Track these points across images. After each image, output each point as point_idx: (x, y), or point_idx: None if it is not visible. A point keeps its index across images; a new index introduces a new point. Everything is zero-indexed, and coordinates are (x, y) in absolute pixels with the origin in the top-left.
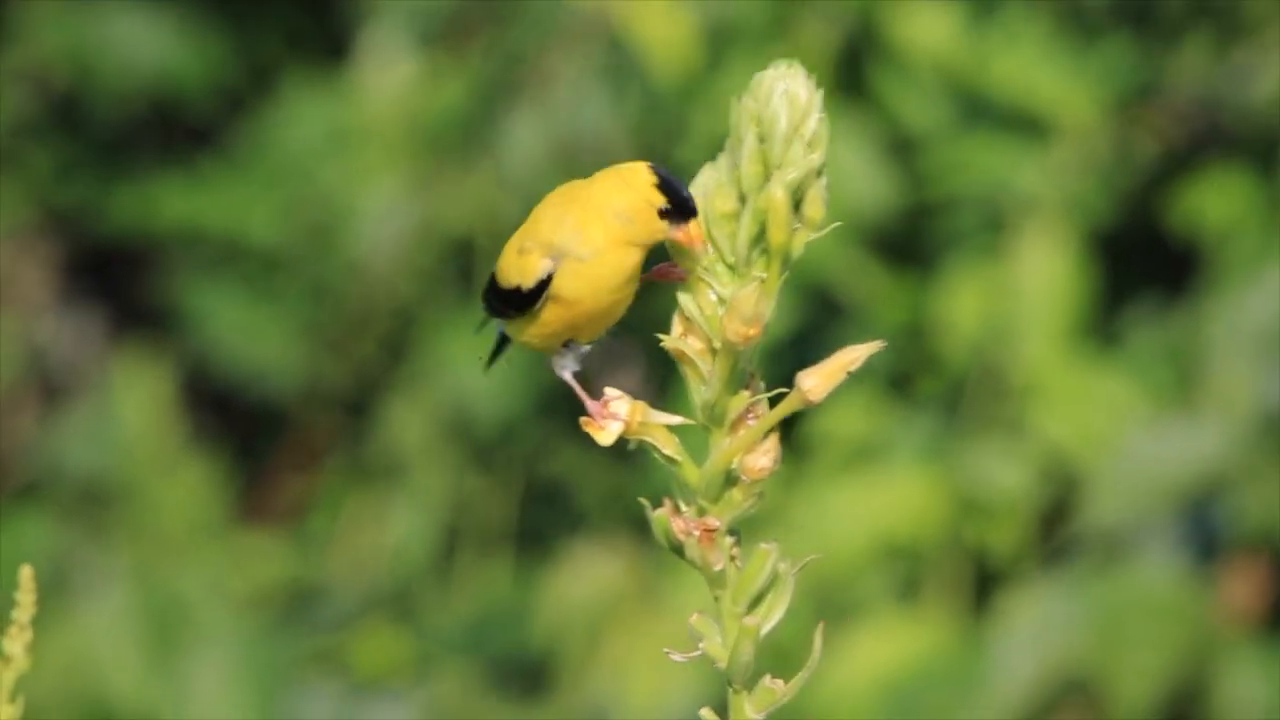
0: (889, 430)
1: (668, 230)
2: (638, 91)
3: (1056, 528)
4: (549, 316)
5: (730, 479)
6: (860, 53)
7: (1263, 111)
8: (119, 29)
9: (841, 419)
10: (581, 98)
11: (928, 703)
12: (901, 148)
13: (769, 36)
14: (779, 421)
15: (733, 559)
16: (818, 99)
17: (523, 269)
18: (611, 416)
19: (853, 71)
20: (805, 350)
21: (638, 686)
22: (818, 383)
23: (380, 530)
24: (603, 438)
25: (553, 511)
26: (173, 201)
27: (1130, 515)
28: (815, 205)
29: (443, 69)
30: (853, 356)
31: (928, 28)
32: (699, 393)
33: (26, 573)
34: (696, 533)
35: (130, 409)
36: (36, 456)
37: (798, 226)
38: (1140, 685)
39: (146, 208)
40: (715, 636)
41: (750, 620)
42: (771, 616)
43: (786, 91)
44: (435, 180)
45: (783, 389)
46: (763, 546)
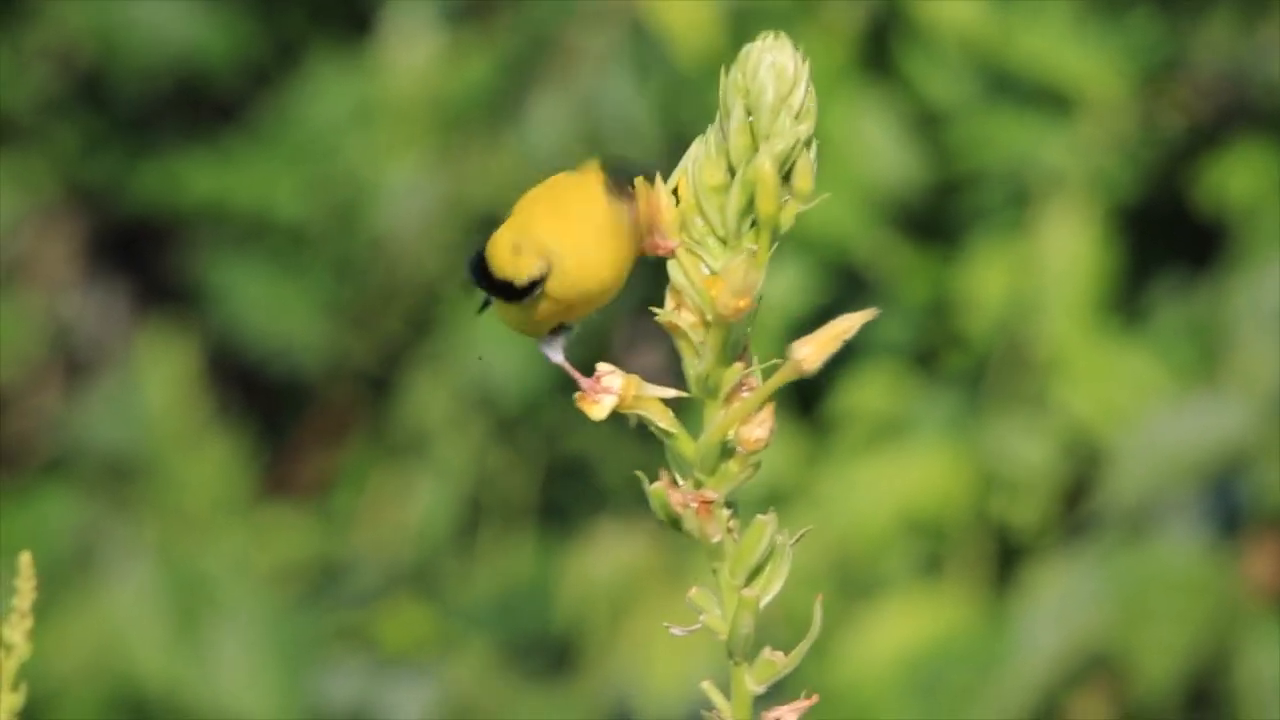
0: (913, 406)
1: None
2: (661, 71)
3: (1080, 503)
4: (539, 310)
5: (726, 451)
6: (885, 30)
7: None
8: (144, 6)
9: (865, 395)
10: (606, 77)
11: (950, 678)
12: (927, 124)
13: (794, 15)
14: (774, 392)
15: (730, 531)
16: (805, 70)
17: (516, 267)
18: (605, 391)
19: (878, 49)
20: None
21: (660, 665)
22: (811, 351)
23: (404, 506)
24: (596, 412)
25: (576, 488)
26: (198, 178)
27: (1153, 491)
28: (804, 176)
29: (467, 45)
30: (847, 325)
31: (953, 4)
32: (693, 366)
33: (26, 559)
34: (694, 505)
35: (155, 385)
36: (62, 433)
37: (787, 198)
38: (1163, 660)
39: (171, 184)
40: (715, 609)
41: (749, 592)
42: (770, 588)
43: (773, 64)
44: (460, 156)
45: (779, 360)
46: (760, 518)
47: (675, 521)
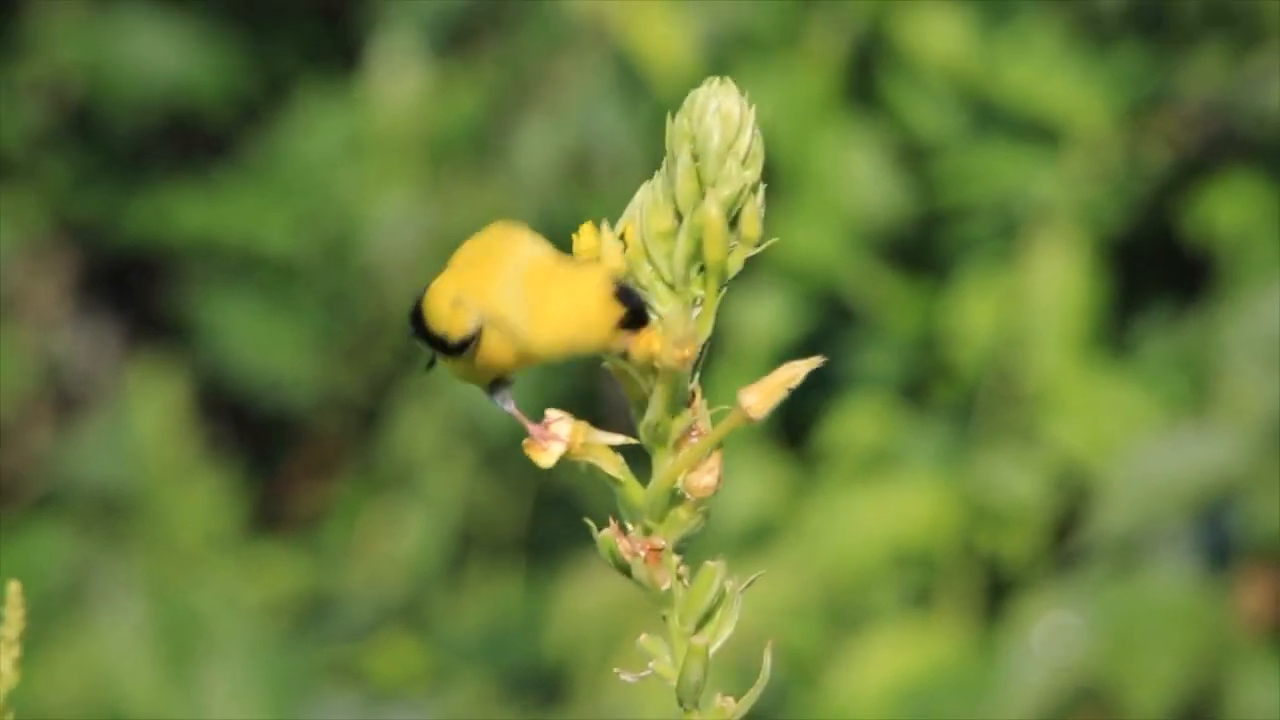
0: (901, 438)
1: (621, 340)
2: (647, 100)
3: (1069, 535)
4: (475, 364)
5: (675, 498)
6: (870, 60)
7: (1277, 118)
8: (135, 40)
9: (853, 427)
10: (592, 106)
11: (941, 710)
12: (913, 155)
13: (778, 44)
14: (721, 439)
15: (680, 578)
16: (750, 115)
17: (451, 322)
18: (552, 438)
19: (863, 78)
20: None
21: (651, 698)
22: (758, 400)
23: (394, 539)
24: (544, 459)
25: (565, 520)
26: (188, 212)
27: (1143, 523)
28: (751, 222)
29: (455, 77)
30: (792, 373)
31: (939, 34)
32: (641, 412)
33: (15, 589)
34: (643, 553)
35: (146, 420)
36: (52, 468)
37: (734, 243)
38: (1153, 693)
39: (162, 219)
40: (665, 656)
41: (699, 639)
42: (720, 635)
43: (719, 109)
44: (448, 188)
45: (725, 407)
46: (709, 564)
47: (625, 568)
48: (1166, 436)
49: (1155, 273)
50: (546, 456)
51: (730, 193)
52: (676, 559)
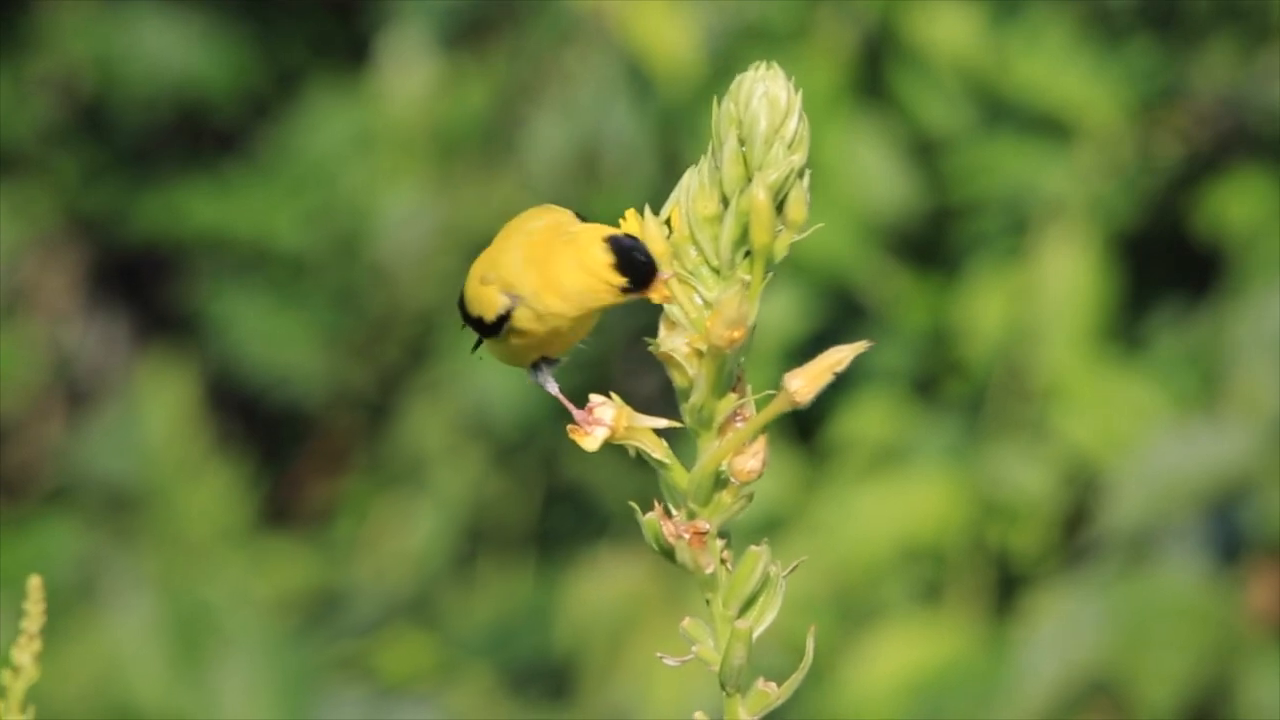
0: (912, 433)
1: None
2: (654, 96)
3: (1079, 531)
4: (514, 342)
5: (720, 482)
6: (881, 55)
7: None
8: (145, 36)
9: (864, 422)
10: (601, 101)
11: (951, 705)
12: (924, 150)
13: (788, 38)
14: (767, 423)
15: (724, 562)
16: (797, 101)
17: (483, 302)
18: (597, 423)
19: (874, 73)
20: None
21: (659, 691)
22: (804, 384)
23: (404, 534)
24: (588, 444)
25: (574, 515)
26: (198, 207)
27: (1153, 518)
28: (798, 206)
29: (464, 72)
30: (839, 357)
31: (949, 29)
32: (687, 396)
33: (35, 583)
34: (686, 536)
35: (156, 415)
36: (63, 462)
37: (781, 228)
38: (1163, 688)
39: (172, 214)
40: (708, 640)
41: (742, 623)
42: (764, 619)
43: (766, 94)
44: (458, 183)
45: (772, 391)
46: (753, 549)
47: (668, 552)
48: (1177, 432)
49: (1166, 268)
50: (591, 441)
51: (777, 177)
52: (720, 543)
